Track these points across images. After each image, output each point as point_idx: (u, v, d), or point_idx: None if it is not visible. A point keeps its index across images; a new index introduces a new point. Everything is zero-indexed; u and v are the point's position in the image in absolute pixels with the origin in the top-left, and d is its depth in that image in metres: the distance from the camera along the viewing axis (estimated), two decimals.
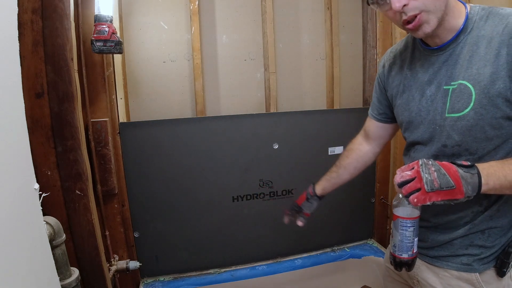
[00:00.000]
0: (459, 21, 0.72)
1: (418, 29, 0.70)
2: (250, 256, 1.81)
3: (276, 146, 1.73)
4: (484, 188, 0.64)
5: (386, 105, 0.96)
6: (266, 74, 1.80)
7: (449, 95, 0.74)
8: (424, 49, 0.79)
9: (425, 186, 0.64)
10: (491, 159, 0.72)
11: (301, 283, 1.79)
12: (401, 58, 0.87)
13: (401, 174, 0.68)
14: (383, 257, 1.82)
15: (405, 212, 0.74)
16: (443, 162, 0.67)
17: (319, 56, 1.90)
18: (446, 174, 0.64)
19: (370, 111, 1.03)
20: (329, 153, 1.80)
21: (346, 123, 1.79)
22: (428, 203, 0.64)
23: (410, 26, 0.70)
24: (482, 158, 0.73)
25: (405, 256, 0.76)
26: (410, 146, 0.88)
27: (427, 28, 0.69)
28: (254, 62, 1.80)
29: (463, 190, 0.63)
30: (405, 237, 0.75)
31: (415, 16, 0.68)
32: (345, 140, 1.82)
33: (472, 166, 0.65)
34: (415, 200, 0.64)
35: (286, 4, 1.80)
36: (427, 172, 0.65)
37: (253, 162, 1.71)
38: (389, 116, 0.97)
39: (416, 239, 0.75)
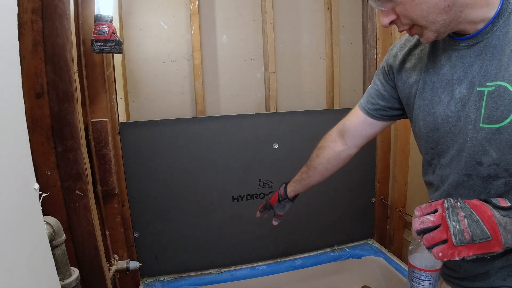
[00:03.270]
0: (490, 8, 0.57)
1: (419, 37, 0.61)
2: (250, 256, 1.81)
3: (276, 146, 1.73)
4: None
5: (388, 101, 0.81)
6: (266, 74, 1.80)
7: (484, 100, 0.58)
8: (451, 39, 0.64)
9: (453, 238, 0.50)
10: None
11: (301, 283, 1.79)
12: (420, 47, 0.72)
13: (422, 219, 0.54)
14: (383, 257, 1.82)
15: (423, 261, 0.59)
16: (475, 203, 0.52)
17: (319, 56, 1.90)
18: (480, 221, 0.50)
19: (362, 103, 0.87)
20: None
21: None
22: (457, 258, 0.51)
23: (408, 33, 0.61)
24: None
25: None
26: (434, 161, 0.72)
27: (425, 40, 0.60)
28: (254, 62, 1.80)
29: (502, 241, 0.49)
30: None
31: (408, 29, 0.61)
32: None
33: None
34: (440, 254, 0.51)
35: (286, 4, 1.79)
36: (455, 219, 0.51)
37: (253, 162, 1.71)
38: (386, 114, 0.83)
39: None
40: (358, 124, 0.88)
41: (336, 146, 0.93)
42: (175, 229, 1.67)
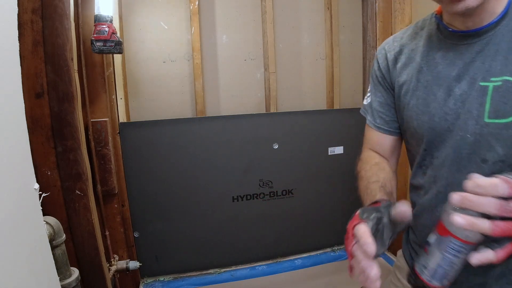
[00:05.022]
0: (502, 3, 0.57)
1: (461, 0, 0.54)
2: (250, 256, 1.81)
3: (276, 146, 1.73)
4: None
5: (395, 109, 0.75)
6: (266, 74, 1.80)
7: (490, 94, 0.57)
8: (450, 33, 0.62)
9: None
10: None
11: (301, 283, 1.79)
12: (410, 47, 0.70)
13: (508, 205, 0.44)
14: (383, 257, 1.82)
15: (467, 232, 0.48)
16: None
17: (319, 56, 1.90)
18: None
19: (372, 122, 0.79)
20: (329, 153, 1.80)
21: (346, 123, 1.79)
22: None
23: None
24: None
25: (435, 284, 0.52)
26: (425, 162, 0.68)
27: (473, 1, 0.53)
28: (254, 62, 1.80)
29: None
30: (447, 264, 0.50)
31: None
32: (345, 140, 1.84)
33: None
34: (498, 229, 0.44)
35: (286, 4, 1.80)
36: None
37: (253, 162, 1.71)
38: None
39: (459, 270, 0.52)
40: (384, 141, 0.81)
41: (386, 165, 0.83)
42: (175, 229, 1.67)
